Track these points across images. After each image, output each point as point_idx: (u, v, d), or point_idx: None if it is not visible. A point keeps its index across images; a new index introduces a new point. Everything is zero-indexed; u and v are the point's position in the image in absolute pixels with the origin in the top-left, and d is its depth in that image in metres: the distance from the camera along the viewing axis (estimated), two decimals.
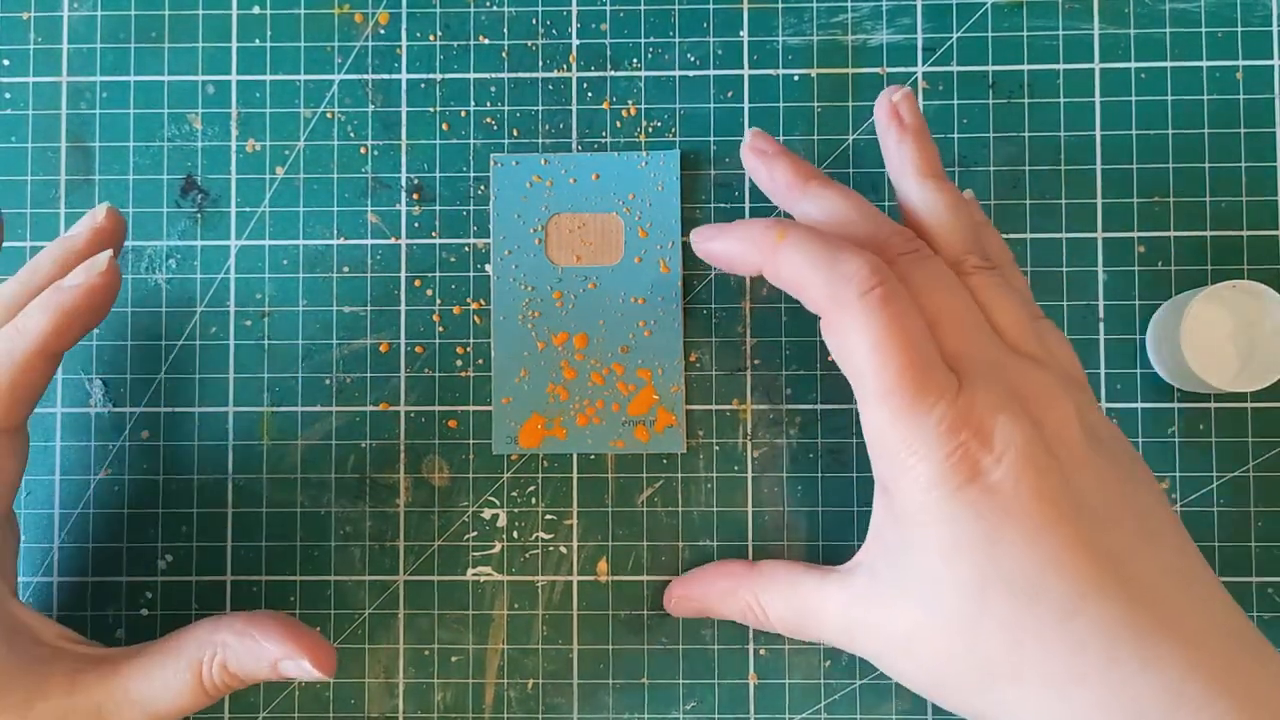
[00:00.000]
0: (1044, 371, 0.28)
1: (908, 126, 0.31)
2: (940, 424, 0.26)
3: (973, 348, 0.28)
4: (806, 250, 0.28)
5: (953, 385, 0.27)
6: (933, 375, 0.27)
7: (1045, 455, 0.27)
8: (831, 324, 0.28)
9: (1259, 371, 0.33)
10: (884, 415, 0.27)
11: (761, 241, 0.29)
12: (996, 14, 0.36)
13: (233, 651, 0.30)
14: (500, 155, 0.36)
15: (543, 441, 0.35)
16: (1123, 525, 0.27)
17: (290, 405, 0.36)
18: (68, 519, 0.35)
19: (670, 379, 0.35)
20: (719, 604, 0.33)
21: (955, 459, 0.26)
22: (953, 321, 0.28)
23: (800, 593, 0.31)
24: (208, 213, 0.36)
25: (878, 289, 0.27)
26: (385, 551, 0.35)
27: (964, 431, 0.26)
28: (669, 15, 0.36)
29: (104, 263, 0.29)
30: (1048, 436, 0.27)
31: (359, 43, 0.36)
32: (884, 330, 0.27)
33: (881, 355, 0.27)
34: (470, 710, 0.35)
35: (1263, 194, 0.35)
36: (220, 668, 0.29)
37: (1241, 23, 0.36)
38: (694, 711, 0.35)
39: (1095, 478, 0.27)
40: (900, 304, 0.27)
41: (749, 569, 0.33)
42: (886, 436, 0.27)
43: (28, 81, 0.36)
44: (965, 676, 0.27)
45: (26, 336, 0.29)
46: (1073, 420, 0.28)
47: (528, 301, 0.35)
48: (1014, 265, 0.32)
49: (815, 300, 0.28)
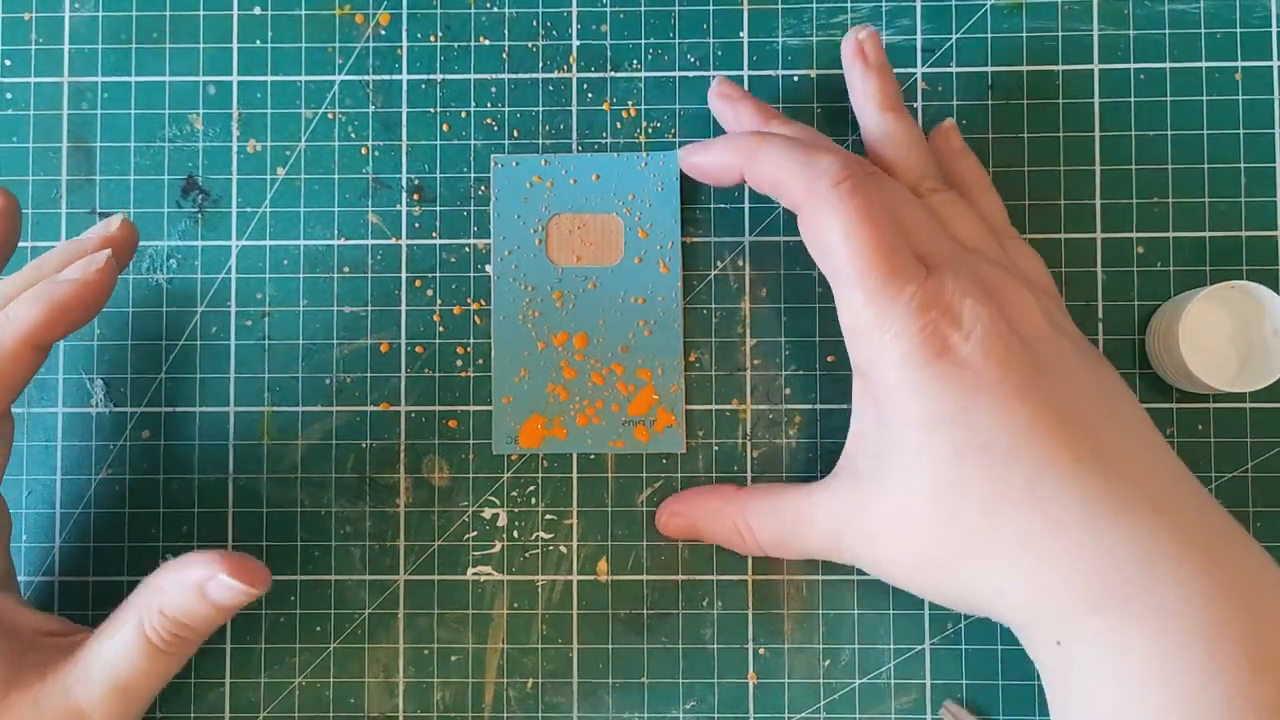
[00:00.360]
0: (1004, 270, 0.30)
1: (871, 63, 0.33)
2: (911, 302, 0.28)
3: (937, 247, 0.30)
4: (784, 150, 0.30)
5: (921, 270, 0.29)
6: (903, 260, 0.29)
7: (1010, 334, 0.29)
8: (807, 217, 0.30)
9: (1258, 372, 0.33)
10: (859, 297, 0.29)
11: (743, 146, 0.31)
12: (996, 15, 0.36)
13: (165, 594, 0.29)
14: (500, 156, 0.36)
15: (543, 441, 0.35)
16: (1090, 404, 0.29)
17: (291, 405, 0.36)
18: (68, 519, 0.36)
19: (670, 379, 0.35)
20: (706, 523, 0.34)
21: (926, 334, 0.28)
22: (915, 227, 0.30)
23: (789, 506, 0.32)
24: (208, 213, 0.36)
25: (849, 180, 0.29)
26: (385, 551, 0.35)
27: (934, 310, 0.28)
28: (669, 16, 0.36)
29: (102, 260, 0.29)
30: (1012, 316, 0.29)
31: (360, 44, 0.36)
32: (856, 216, 0.29)
33: (855, 240, 0.29)
34: (470, 709, 0.35)
35: (1261, 195, 0.35)
36: (158, 614, 0.29)
37: (1241, 24, 0.36)
38: (694, 711, 0.35)
39: (1060, 358, 0.29)
40: (871, 194, 0.29)
41: (738, 491, 0.34)
42: (862, 318, 0.29)
43: (29, 82, 0.36)
44: (949, 547, 0.28)
45: (15, 325, 0.28)
46: (1034, 307, 0.30)
47: (528, 301, 0.35)
48: (989, 190, 0.34)
49: (792, 195, 0.30)
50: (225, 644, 0.35)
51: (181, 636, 0.29)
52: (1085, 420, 0.28)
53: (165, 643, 0.29)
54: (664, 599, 0.35)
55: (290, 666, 0.35)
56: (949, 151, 0.35)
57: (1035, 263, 0.33)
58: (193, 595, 0.29)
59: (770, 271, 0.36)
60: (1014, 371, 0.28)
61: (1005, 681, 0.35)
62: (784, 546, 0.32)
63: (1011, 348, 0.28)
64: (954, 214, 0.32)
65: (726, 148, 0.32)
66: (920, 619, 0.35)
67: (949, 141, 0.35)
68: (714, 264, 0.36)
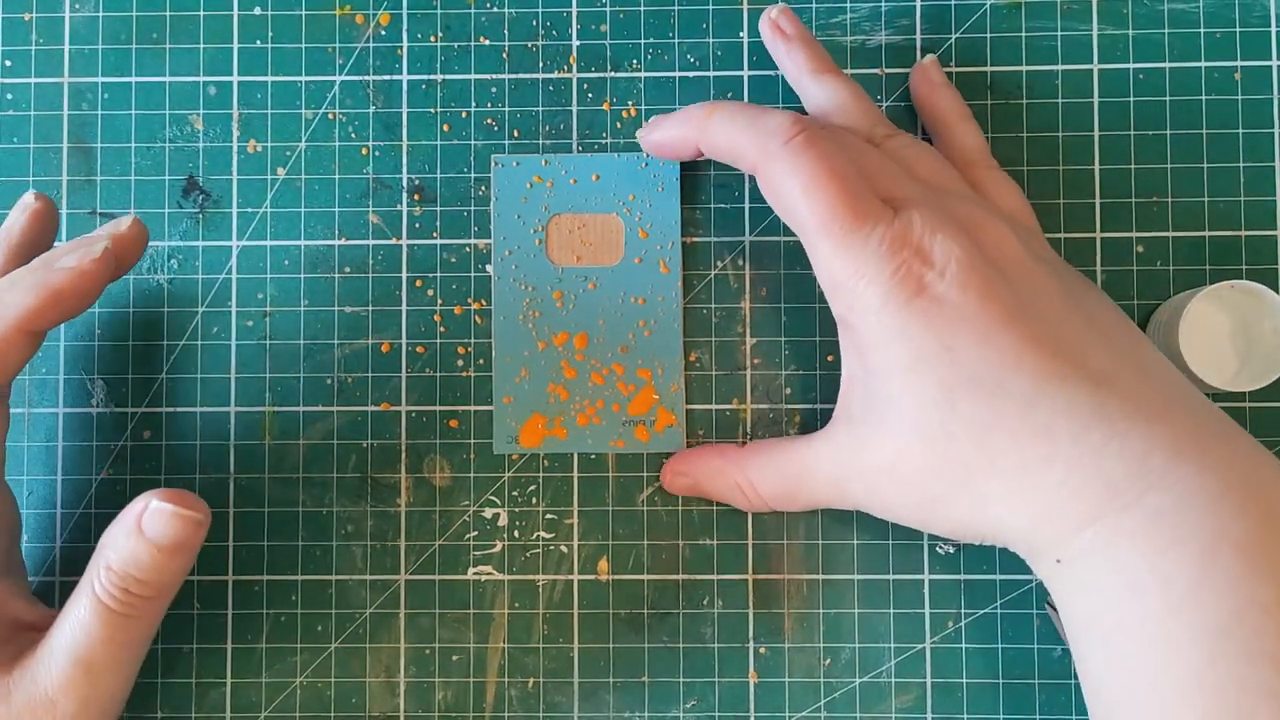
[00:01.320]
0: (974, 203, 0.30)
1: (791, 35, 0.34)
2: (881, 244, 0.28)
3: (902, 188, 0.30)
4: (733, 116, 0.30)
5: (888, 212, 0.29)
6: (866, 203, 0.28)
7: (986, 265, 0.28)
8: (765, 178, 0.30)
9: (1257, 371, 0.33)
10: (827, 248, 0.28)
11: (694, 118, 0.31)
12: (995, 15, 0.36)
13: (108, 549, 0.28)
14: (501, 156, 0.36)
15: (543, 441, 0.35)
16: (1073, 324, 0.29)
17: (292, 405, 0.36)
18: (69, 519, 0.36)
19: (670, 379, 0.35)
20: (709, 481, 0.34)
21: (900, 275, 0.28)
22: (877, 172, 0.30)
23: (791, 459, 0.32)
24: (209, 213, 0.36)
25: (802, 134, 0.29)
26: (386, 551, 0.36)
27: (905, 250, 0.28)
28: (669, 16, 0.36)
29: (99, 250, 0.29)
30: (987, 248, 0.29)
31: (360, 44, 0.36)
32: (811, 168, 0.28)
33: (814, 192, 0.28)
34: (471, 709, 0.35)
35: (1261, 194, 0.35)
36: (105, 571, 0.28)
37: (1240, 23, 0.36)
38: (694, 710, 0.35)
39: (1039, 284, 0.29)
40: (824, 145, 0.29)
41: (739, 449, 0.34)
42: (834, 269, 0.29)
43: (29, 82, 0.36)
44: (947, 481, 0.29)
45: (8, 310, 0.28)
46: (1009, 237, 0.29)
47: (528, 302, 0.35)
48: (967, 120, 0.34)
49: (748, 159, 0.30)
50: (226, 644, 0.35)
51: (134, 593, 0.28)
52: (1071, 341, 0.28)
53: (119, 603, 0.28)
54: (664, 598, 0.35)
55: (291, 666, 0.35)
56: (928, 86, 0.35)
57: (1013, 194, 0.33)
58: (134, 540, 0.28)
59: (770, 271, 0.36)
60: (994, 302, 0.28)
61: (1005, 681, 0.35)
62: (788, 500, 0.33)
63: (989, 279, 0.28)
64: (915, 156, 0.32)
65: (678, 122, 0.32)
66: (920, 619, 0.35)
67: (929, 76, 0.35)
68: (714, 264, 0.36)
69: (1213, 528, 0.26)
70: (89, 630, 0.28)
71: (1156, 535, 0.26)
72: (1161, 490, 0.26)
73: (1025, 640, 0.35)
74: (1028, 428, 0.27)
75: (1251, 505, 0.26)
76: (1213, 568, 0.26)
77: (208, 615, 0.35)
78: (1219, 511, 0.26)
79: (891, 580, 0.35)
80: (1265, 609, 0.25)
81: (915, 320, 0.28)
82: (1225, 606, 0.25)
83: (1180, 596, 0.26)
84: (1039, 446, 0.27)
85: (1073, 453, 0.27)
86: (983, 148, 0.34)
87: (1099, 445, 0.27)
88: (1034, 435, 0.27)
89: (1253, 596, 0.25)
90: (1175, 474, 0.26)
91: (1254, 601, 0.25)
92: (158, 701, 0.35)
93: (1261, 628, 0.25)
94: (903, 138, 0.32)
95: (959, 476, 0.28)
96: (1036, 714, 0.34)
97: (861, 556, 0.35)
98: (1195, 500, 0.26)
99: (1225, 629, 0.25)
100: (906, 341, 0.28)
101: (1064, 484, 0.27)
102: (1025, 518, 0.28)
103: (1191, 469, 0.26)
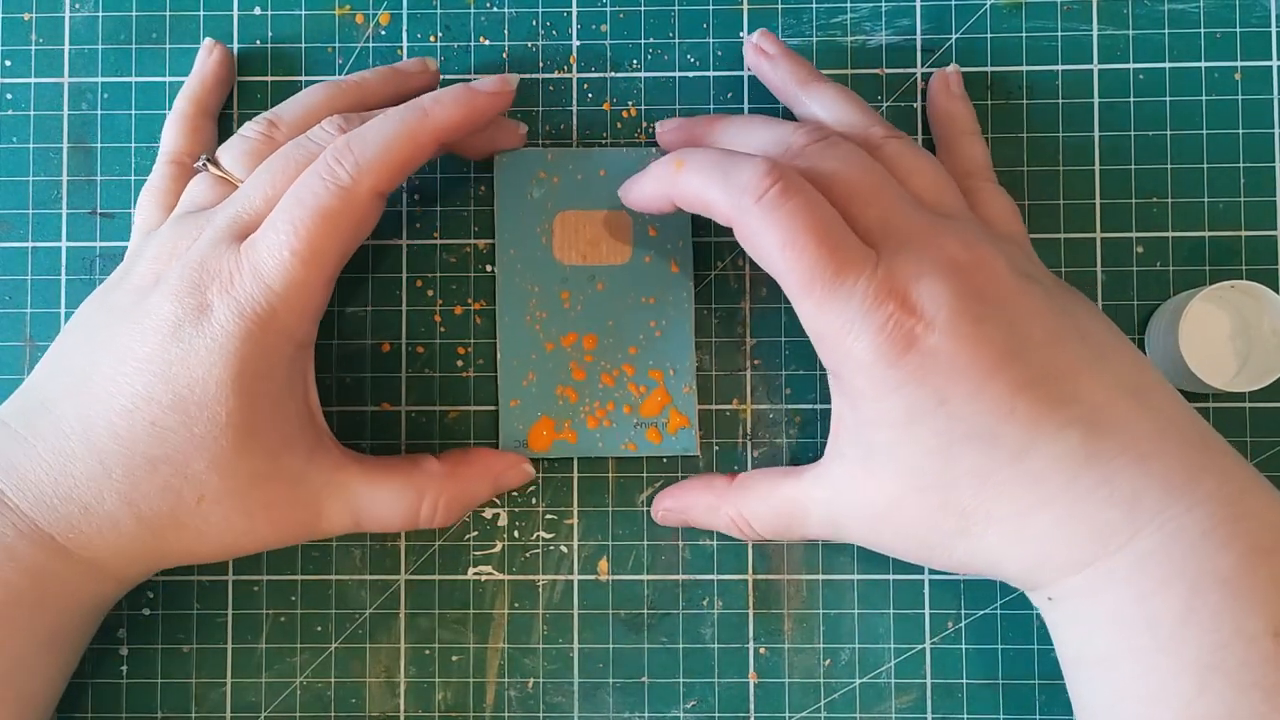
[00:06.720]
0: (965, 224, 0.30)
1: (774, 54, 0.34)
2: (865, 298, 0.27)
3: (892, 214, 0.29)
4: (702, 170, 0.29)
5: (870, 259, 0.28)
6: (846, 254, 0.28)
7: (977, 303, 0.28)
8: (741, 234, 0.29)
9: (1257, 372, 0.33)
10: (810, 306, 0.28)
11: (663, 174, 0.30)
12: (995, 15, 0.36)
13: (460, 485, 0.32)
14: (504, 151, 0.35)
15: (552, 445, 0.35)
16: (1067, 346, 0.28)
17: None
18: None
19: (682, 380, 0.35)
20: (702, 517, 0.34)
21: (889, 330, 0.27)
22: (871, 196, 0.29)
23: (784, 496, 0.32)
24: None
25: (772, 189, 0.28)
26: (386, 551, 0.35)
27: (890, 302, 0.27)
28: (669, 16, 0.36)
29: (515, 81, 0.32)
30: (977, 282, 0.28)
31: (360, 44, 0.36)
32: (787, 225, 0.27)
33: (791, 250, 0.28)
34: (471, 709, 0.35)
35: (1261, 194, 0.35)
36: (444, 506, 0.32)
37: (1240, 24, 0.36)
38: (694, 710, 0.35)
39: (1031, 308, 0.28)
40: (798, 196, 0.28)
41: (729, 484, 0.33)
42: (820, 325, 0.28)
43: (29, 82, 0.36)
44: (945, 528, 0.29)
45: (431, 119, 0.30)
46: (1000, 265, 0.29)
47: (534, 302, 0.35)
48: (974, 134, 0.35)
49: (722, 214, 0.29)
50: (227, 644, 0.35)
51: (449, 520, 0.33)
52: (1065, 371, 0.28)
53: (430, 522, 0.32)
54: (664, 599, 0.35)
55: (291, 666, 0.35)
56: (946, 96, 0.35)
57: (1007, 210, 0.33)
58: (489, 487, 0.33)
59: None
60: (985, 347, 0.27)
61: (1005, 681, 0.35)
62: (783, 535, 0.33)
63: (980, 320, 0.27)
64: (911, 164, 0.31)
65: (650, 179, 0.31)
66: (920, 619, 0.35)
67: (947, 85, 0.35)
68: (714, 264, 0.36)
69: (1198, 566, 0.26)
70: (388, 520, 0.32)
71: (1144, 578, 0.27)
72: (1150, 532, 0.27)
73: (1025, 641, 0.35)
74: (1021, 475, 0.27)
75: (1237, 539, 0.26)
76: (1199, 604, 0.26)
77: (208, 615, 0.35)
78: (1205, 547, 0.26)
79: (891, 581, 0.35)
80: (1251, 640, 0.26)
81: (909, 378, 0.27)
82: (1211, 641, 0.26)
83: (1169, 634, 0.26)
84: (1032, 493, 0.27)
85: (1065, 498, 0.27)
86: (985, 163, 0.34)
87: (1090, 490, 0.27)
88: (1027, 483, 0.27)
89: (1239, 628, 0.26)
90: (1165, 514, 0.27)
91: (1240, 633, 0.26)
92: (158, 701, 0.35)
93: (1248, 659, 0.26)
94: (901, 140, 0.32)
95: (956, 525, 0.29)
96: (1036, 714, 0.34)
97: (861, 557, 0.35)
98: (1183, 538, 0.27)
99: (1212, 662, 0.26)
100: (900, 398, 0.28)
101: (1056, 530, 0.28)
102: (1019, 563, 0.29)
103: (1181, 508, 0.27)
